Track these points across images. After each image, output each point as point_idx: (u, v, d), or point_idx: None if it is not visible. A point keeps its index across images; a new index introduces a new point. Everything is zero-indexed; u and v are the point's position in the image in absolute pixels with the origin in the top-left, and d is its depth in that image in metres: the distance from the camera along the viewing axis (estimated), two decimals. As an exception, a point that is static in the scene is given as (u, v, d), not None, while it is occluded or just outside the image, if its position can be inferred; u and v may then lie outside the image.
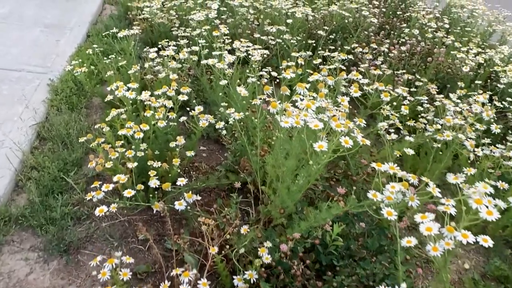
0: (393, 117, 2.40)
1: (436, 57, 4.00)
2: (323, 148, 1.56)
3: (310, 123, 1.71)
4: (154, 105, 2.25)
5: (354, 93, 2.15)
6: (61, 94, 3.14)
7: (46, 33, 4.23)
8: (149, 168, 2.20)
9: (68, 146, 2.66)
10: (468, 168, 2.02)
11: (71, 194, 2.32)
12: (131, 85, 2.27)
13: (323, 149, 1.56)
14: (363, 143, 1.63)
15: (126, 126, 2.14)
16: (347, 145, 1.59)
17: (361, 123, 1.99)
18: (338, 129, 1.60)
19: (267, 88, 1.92)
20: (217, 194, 2.52)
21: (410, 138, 2.24)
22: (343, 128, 1.62)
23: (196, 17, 3.71)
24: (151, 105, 2.41)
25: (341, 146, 1.64)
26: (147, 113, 2.21)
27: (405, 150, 2.12)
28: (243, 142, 2.29)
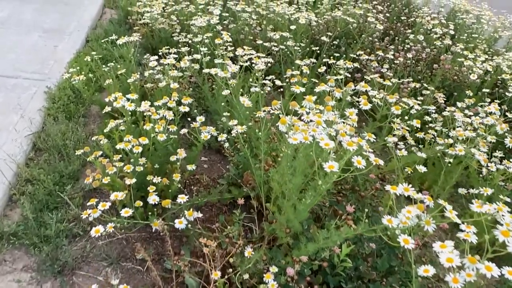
0: (404, 130, 2.30)
1: (443, 64, 3.91)
2: (333, 168, 1.47)
3: (319, 139, 1.62)
4: (154, 117, 2.16)
5: (363, 106, 2.05)
6: (59, 102, 3.04)
7: (44, 38, 4.14)
8: (148, 182, 2.11)
9: (64, 157, 2.56)
10: (485, 189, 1.92)
11: (67, 210, 2.22)
12: (130, 96, 2.18)
13: (333, 169, 1.47)
14: (376, 162, 1.53)
15: (125, 140, 2.04)
16: (360, 166, 1.49)
17: (370, 138, 1.90)
18: (350, 148, 1.50)
19: (275, 103, 1.83)
20: (219, 209, 2.42)
21: (422, 154, 2.14)
22: (355, 146, 1.52)
23: (198, 23, 3.62)
24: (151, 116, 2.33)
25: (352, 165, 1.54)
26: (147, 126, 2.11)
27: (418, 168, 2.02)
28: (246, 155, 2.20)
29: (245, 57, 2.88)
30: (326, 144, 1.51)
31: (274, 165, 2.29)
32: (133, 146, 1.99)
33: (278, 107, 1.84)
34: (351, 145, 1.52)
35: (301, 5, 4.82)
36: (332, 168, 1.46)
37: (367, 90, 2.21)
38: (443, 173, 2.30)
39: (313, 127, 1.72)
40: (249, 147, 2.50)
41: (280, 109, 1.86)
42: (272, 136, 2.48)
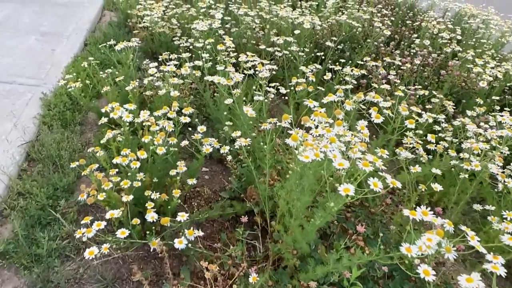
0: (417, 145, 2.18)
1: (450, 70, 3.80)
2: (349, 192, 1.35)
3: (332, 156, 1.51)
4: (153, 129, 2.04)
5: (375, 119, 1.94)
6: (54, 109, 2.93)
7: (41, 42, 4.03)
8: (146, 197, 2.00)
9: (59, 169, 2.45)
10: (508, 213, 1.79)
11: (60, 226, 2.10)
12: (128, 106, 2.06)
13: (349, 193, 1.35)
14: (394, 185, 1.42)
15: (122, 153, 1.92)
16: (377, 189, 1.38)
17: (383, 154, 1.78)
18: (366, 169, 1.39)
19: (286, 118, 1.71)
20: (220, 224, 2.30)
21: (436, 171, 2.03)
22: (371, 167, 1.40)
23: (199, 27, 3.51)
24: (150, 128, 2.21)
25: (367, 185, 1.43)
26: (145, 139, 2.00)
27: (433, 186, 1.91)
28: (250, 169, 2.08)
29: (248, 64, 2.77)
30: (340, 164, 1.40)
31: (279, 179, 2.18)
32: (130, 161, 1.87)
33: (289, 121, 1.72)
34: (367, 166, 1.40)
35: (305, 8, 4.71)
36: (347, 192, 1.35)
37: (378, 101, 2.09)
38: (457, 189, 2.18)
39: (325, 143, 1.62)
40: (252, 159, 2.38)
41: (291, 124, 1.74)
42: (277, 148, 2.36)
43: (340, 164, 1.40)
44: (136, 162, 1.87)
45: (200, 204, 2.40)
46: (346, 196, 1.35)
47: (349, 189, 1.35)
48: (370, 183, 1.39)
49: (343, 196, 1.39)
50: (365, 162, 1.42)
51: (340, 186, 1.37)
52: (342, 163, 1.40)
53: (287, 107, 3.19)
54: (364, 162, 1.42)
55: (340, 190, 1.36)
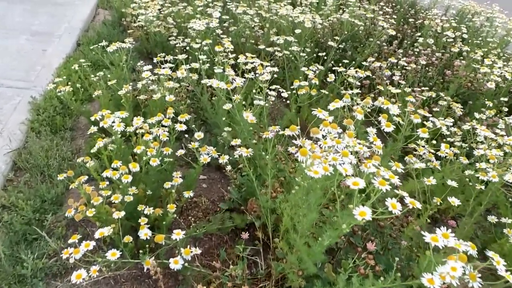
0: (430, 155, 2.05)
1: (456, 70, 3.66)
2: (365, 216, 1.21)
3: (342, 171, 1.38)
4: (146, 138, 1.90)
5: (386, 128, 1.80)
6: (44, 114, 2.78)
7: (32, 42, 3.87)
8: (139, 211, 1.86)
9: (47, 179, 2.30)
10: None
11: (48, 242, 1.96)
12: (120, 114, 1.92)
13: (365, 217, 1.21)
14: (413, 206, 1.28)
15: (112, 166, 1.78)
16: (395, 211, 1.24)
17: (398, 168, 1.65)
18: (383, 188, 1.25)
19: (294, 129, 1.57)
20: (219, 238, 2.16)
21: (452, 183, 1.89)
22: (388, 186, 1.27)
23: (196, 26, 3.36)
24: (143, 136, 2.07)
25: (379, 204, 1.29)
26: (138, 149, 1.86)
27: (450, 200, 1.77)
28: (251, 179, 1.94)
29: (248, 66, 2.62)
30: (355, 183, 1.26)
31: (281, 190, 2.04)
32: (121, 174, 1.73)
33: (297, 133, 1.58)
34: (383, 184, 1.26)
35: (305, 6, 4.56)
36: (364, 216, 1.21)
37: (388, 107, 1.95)
38: (472, 201, 2.05)
39: (333, 154, 1.48)
40: (253, 167, 2.24)
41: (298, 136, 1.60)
42: (279, 156, 2.23)
43: (355, 184, 1.26)
44: (127, 176, 1.72)
45: (198, 216, 2.26)
46: (362, 220, 1.21)
47: (365, 213, 1.22)
48: (388, 203, 1.25)
49: (356, 217, 1.25)
50: (382, 180, 1.28)
51: (355, 209, 1.23)
52: (357, 182, 1.26)
53: (288, 111, 3.04)
54: (380, 180, 1.28)
55: (356, 214, 1.22)
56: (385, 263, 1.89)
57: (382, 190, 1.26)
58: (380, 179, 1.30)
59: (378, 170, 1.45)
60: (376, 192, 1.29)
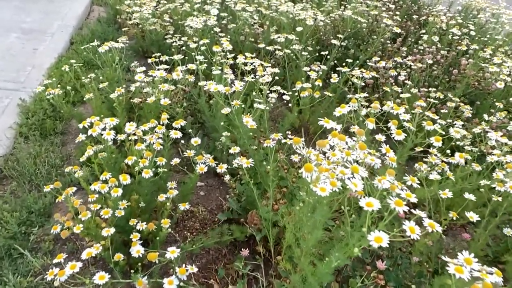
0: (443, 164, 1.92)
1: (463, 69, 3.53)
2: (381, 242, 1.08)
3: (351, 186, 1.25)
4: (138, 147, 1.76)
5: (396, 136, 1.67)
6: (33, 117, 2.65)
7: (22, 40, 3.73)
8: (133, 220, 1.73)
9: (35, 188, 2.17)
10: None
11: (35, 256, 1.83)
12: (110, 121, 1.78)
13: (382, 243, 1.08)
14: (433, 228, 1.15)
15: (101, 178, 1.65)
16: (414, 235, 1.11)
17: (414, 183, 1.52)
18: (400, 209, 1.12)
19: (298, 141, 1.43)
20: (217, 251, 2.03)
21: (470, 196, 1.76)
22: (405, 207, 1.14)
23: (194, 24, 3.22)
24: (136, 143, 1.94)
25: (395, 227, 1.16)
26: (129, 160, 1.72)
27: (468, 215, 1.64)
28: (251, 191, 1.81)
29: (247, 67, 2.49)
30: (368, 204, 1.13)
31: (284, 201, 1.91)
32: (110, 187, 1.60)
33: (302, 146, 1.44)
34: (400, 205, 1.13)
35: (306, 2, 4.42)
36: (380, 242, 1.08)
37: (399, 113, 1.82)
38: (488, 212, 1.92)
39: (341, 167, 1.35)
40: (253, 175, 2.12)
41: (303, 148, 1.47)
42: (281, 164, 2.09)
43: (368, 205, 1.13)
44: (117, 189, 1.59)
45: (195, 227, 2.13)
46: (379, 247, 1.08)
47: (382, 239, 1.09)
48: (406, 227, 1.12)
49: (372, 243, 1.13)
50: (399, 201, 1.15)
51: (371, 235, 1.10)
52: (371, 203, 1.13)
53: (289, 112, 2.91)
54: (397, 201, 1.15)
55: (371, 240, 1.10)
56: (394, 280, 1.77)
57: (399, 212, 1.14)
58: (396, 198, 1.17)
59: (393, 185, 1.32)
60: (391, 212, 1.16)
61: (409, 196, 1.22)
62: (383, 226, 1.18)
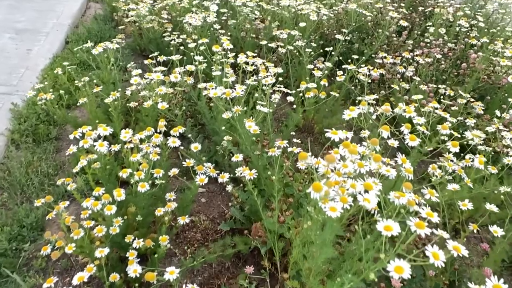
0: (460, 171, 1.79)
1: (473, 63, 3.38)
2: (403, 273, 0.97)
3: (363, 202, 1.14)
4: (133, 159, 1.65)
5: (410, 142, 1.55)
6: (26, 123, 2.53)
7: (16, 41, 3.61)
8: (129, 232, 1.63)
9: (27, 199, 2.06)
10: None
11: (26, 275, 1.72)
12: (103, 130, 1.66)
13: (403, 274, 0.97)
14: (458, 252, 1.04)
15: (94, 194, 1.54)
16: (438, 262, 1.00)
17: (432, 197, 1.40)
18: (421, 232, 1.01)
19: (304, 157, 1.30)
20: (220, 264, 1.93)
21: (491, 206, 1.64)
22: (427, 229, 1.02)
23: (192, 21, 3.09)
24: (132, 150, 1.83)
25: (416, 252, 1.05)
26: (123, 173, 1.61)
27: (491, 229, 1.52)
28: (256, 205, 1.70)
29: (249, 67, 2.37)
30: (387, 228, 1.02)
31: (289, 212, 1.79)
32: (103, 204, 1.48)
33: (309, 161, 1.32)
34: (422, 228, 1.02)
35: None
36: (401, 273, 0.97)
37: (413, 116, 1.70)
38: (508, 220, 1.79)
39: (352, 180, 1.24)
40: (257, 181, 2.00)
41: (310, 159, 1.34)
42: (286, 171, 1.97)
43: (387, 229, 1.01)
44: (110, 207, 1.48)
45: (196, 239, 2.02)
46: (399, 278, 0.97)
47: (403, 270, 0.97)
48: (428, 253, 1.01)
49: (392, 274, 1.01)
50: (420, 223, 1.03)
51: (390, 264, 0.99)
52: (390, 227, 1.01)
53: (292, 112, 2.78)
54: (418, 222, 1.03)
55: (391, 270, 0.98)
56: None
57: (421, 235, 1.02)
58: (416, 219, 1.05)
59: (410, 201, 1.21)
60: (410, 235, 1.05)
61: (430, 216, 1.10)
62: (401, 249, 1.06)
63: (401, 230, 1.06)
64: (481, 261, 1.99)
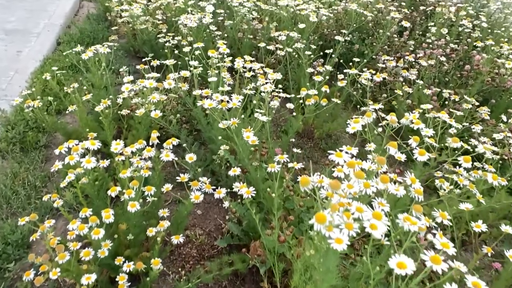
0: (471, 186, 1.69)
1: (476, 65, 3.28)
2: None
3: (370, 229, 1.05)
4: (123, 175, 1.54)
5: (419, 157, 1.45)
6: (13, 130, 2.42)
7: (5, 42, 3.49)
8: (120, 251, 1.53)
9: (12, 214, 1.96)
10: None
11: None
12: (91, 144, 1.56)
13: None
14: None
15: (81, 216, 1.44)
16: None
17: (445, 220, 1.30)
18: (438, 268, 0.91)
19: (306, 183, 1.18)
20: (217, 283, 1.83)
21: (508, 228, 1.54)
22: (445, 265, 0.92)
23: (188, 22, 2.98)
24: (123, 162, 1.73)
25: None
26: (112, 192, 1.50)
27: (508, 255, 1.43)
28: (255, 223, 1.59)
29: (247, 73, 2.27)
30: (400, 265, 0.92)
31: (290, 230, 1.69)
32: (90, 227, 1.38)
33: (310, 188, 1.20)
34: (438, 263, 0.92)
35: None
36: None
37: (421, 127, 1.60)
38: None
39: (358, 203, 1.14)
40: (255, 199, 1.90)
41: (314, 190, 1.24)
42: (287, 184, 1.87)
43: (400, 266, 0.92)
44: (98, 231, 1.37)
45: (191, 255, 1.92)
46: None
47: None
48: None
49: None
50: (436, 257, 0.93)
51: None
52: (403, 264, 0.92)
53: (293, 118, 2.67)
54: (433, 256, 0.93)
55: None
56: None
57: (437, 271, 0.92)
58: (432, 252, 0.96)
59: (421, 227, 1.11)
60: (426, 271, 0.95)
61: (446, 247, 1.00)
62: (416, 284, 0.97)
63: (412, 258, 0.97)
64: (491, 280, 1.90)
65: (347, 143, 2.99)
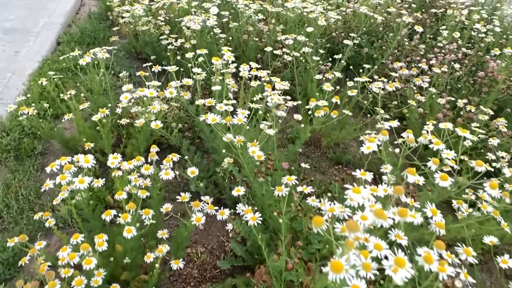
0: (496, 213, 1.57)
1: (491, 72, 3.16)
2: None
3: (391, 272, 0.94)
4: (118, 197, 1.44)
5: (441, 182, 1.34)
6: (8, 137, 2.32)
7: (3, 42, 3.38)
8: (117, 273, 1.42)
9: (4, 228, 1.85)
10: None
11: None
12: (84, 162, 1.45)
13: None
14: None
15: (71, 242, 1.33)
16: None
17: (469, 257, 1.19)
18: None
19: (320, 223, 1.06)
20: (219, 307, 1.72)
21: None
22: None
23: (191, 24, 2.87)
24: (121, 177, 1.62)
25: None
26: (106, 216, 1.40)
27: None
28: (262, 250, 1.49)
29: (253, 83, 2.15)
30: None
31: (298, 256, 1.58)
32: (82, 255, 1.27)
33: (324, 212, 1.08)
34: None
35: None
36: None
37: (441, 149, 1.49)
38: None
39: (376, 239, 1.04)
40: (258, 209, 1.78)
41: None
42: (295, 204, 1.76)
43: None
44: (90, 260, 1.26)
45: (192, 276, 1.81)
46: None
47: None
48: None
49: None
50: None
51: None
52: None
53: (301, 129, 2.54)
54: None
55: None
56: None
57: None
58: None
59: (441, 268, 1.01)
60: None
61: (466, 276, 0.89)
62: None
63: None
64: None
65: (356, 152, 2.87)
